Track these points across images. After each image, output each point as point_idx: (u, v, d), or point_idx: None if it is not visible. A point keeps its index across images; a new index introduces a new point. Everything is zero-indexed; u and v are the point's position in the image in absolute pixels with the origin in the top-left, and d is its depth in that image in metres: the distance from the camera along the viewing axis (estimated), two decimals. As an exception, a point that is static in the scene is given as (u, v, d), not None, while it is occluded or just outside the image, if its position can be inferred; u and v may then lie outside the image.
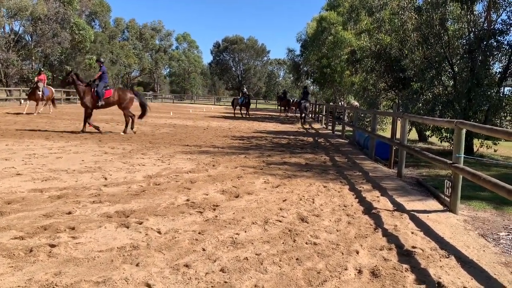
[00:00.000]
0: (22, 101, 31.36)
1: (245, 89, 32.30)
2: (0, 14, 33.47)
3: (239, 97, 31.14)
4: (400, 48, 16.92)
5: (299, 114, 29.76)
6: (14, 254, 3.51)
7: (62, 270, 3.26)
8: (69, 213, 4.74)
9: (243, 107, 30.06)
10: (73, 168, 7.47)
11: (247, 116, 29.69)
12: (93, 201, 5.28)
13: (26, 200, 5.19)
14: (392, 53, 17.33)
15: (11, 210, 4.72)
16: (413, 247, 4.11)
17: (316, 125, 24.88)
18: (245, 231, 4.38)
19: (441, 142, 13.27)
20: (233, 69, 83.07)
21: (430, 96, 13.78)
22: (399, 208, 5.67)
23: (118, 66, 55.50)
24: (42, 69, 27.55)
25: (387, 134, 14.08)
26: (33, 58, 38.75)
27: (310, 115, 34.61)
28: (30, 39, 39.34)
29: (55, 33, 37.53)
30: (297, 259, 3.69)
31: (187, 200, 5.58)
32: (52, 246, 3.72)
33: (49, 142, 10.79)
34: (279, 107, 41.24)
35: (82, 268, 3.33)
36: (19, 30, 38.18)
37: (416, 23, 14.91)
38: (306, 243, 4.10)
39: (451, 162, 5.69)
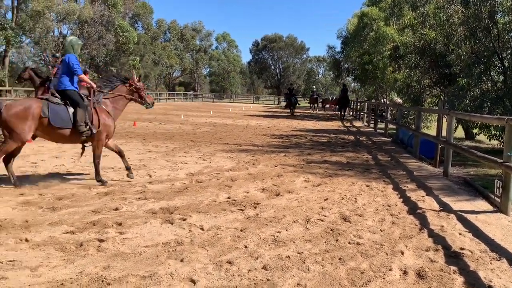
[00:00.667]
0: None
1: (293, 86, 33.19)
2: (50, 19, 35.08)
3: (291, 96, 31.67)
4: (445, 43, 16.31)
5: (339, 112, 29.46)
6: (66, 248, 3.68)
7: (110, 264, 3.39)
8: (116, 209, 4.92)
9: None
10: (119, 166, 7.72)
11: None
12: (139, 198, 5.45)
13: (75, 196, 5.42)
14: (437, 48, 16.73)
15: (62, 206, 4.95)
16: (461, 248, 3.96)
17: (357, 123, 24.46)
18: (287, 230, 4.38)
19: (490, 140, 12.72)
20: (272, 67, 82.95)
21: (478, 92, 13.19)
22: (445, 208, 5.49)
23: (160, 67, 56.80)
24: (88, 70, 28.70)
25: (432, 132, 13.63)
26: (80, 60, 40.29)
27: (351, 113, 34.11)
28: (78, 42, 40.97)
29: (100, 36, 38.96)
30: (340, 258, 3.65)
31: (228, 197, 5.65)
32: (101, 240, 3.87)
33: (96, 140, 11.19)
34: (309, 104, 42.00)
35: (129, 262, 3.44)
36: (67, 33, 39.92)
37: (463, 17, 14.32)
38: (349, 243, 4.05)
39: (502, 161, 5.43)
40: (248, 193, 5.97)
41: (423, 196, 6.11)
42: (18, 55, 37.07)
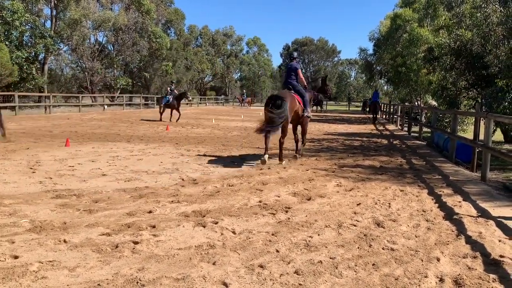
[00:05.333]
0: (106, 107, 33.74)
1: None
2: (86, 26, 36.27)
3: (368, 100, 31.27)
4: (482, 43, 15.82)
5: (371, 115, 29.06)
6: (102, 249, 3.78)
7: (145, 266, 3.45)
8: (150, 212, 5.01)
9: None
10: (152, 169, 7.88)
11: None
12: (172, 201, 5.54)
13: (111, 199, 5.57)
14: (474, 49, 16.25)
15: (98, 208, 5.09)
16: (501, 256, 3.81)
17: (391, 126, 24.00)
18: (319, 234, 4.35)
19: (531, 143, 12.22)
20: (303, 71, 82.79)
21: (518, 94, 12.73)
22: (483, 214, 5.30)
23: (192, 72, 57.62)
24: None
25: (469, 135, 13.22)
26: (115, 66, 41.51)
27: (383, 116, 33.53)
28: (112, 48, 42.25)
29: (134, 42, 39.98)
30: (373, 264, 3.59)
31: (260, 201, 5.65)
32: (136, 243, 3.96)
33: (130, 145, 11.48)
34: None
35: (163, 264, 3.50)
36: (102, 41, 41.19)
37: (502, 16, 13.85)
38: (383, 249, 3.98)
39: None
40: (279, 197, 5.96)
41: (459, 202, 5.93)
42: (56, 62, 38.36)
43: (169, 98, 21.58)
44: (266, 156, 8.66)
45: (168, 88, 22.77)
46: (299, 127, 9.96)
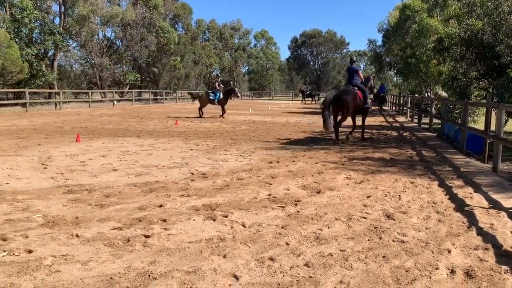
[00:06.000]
0: (115, 102, 33.95)
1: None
2: (94, 22, 36.43)
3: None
4: (494, 33, 15.58)
5: (378, 107, 29.05)
6: (114, 243, 3.82)
7: (156, 259, 3.49)
8: (161, 206, 5.05)
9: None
10: (162, 164, 7.93)
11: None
12: (182, 195, 5.57)
13: (122, 194, 5.62)
14: (485, 39, 16.02)
15: (110, 203, 5.15)
16: (513, 248, 3.79)
17: (401, 118, 23.83)
18: (328, 227, 4.35)
19: (543, 134, 12.05)
20: (311, 63, 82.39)
21: (530, 84, 12.55)
22: (495, 205, 5.25)
23: (200, 66, 57.62)
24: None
25: (479, 126, 13.09)
26: (124, 61, 41.67)
27: (393, 108, 33.29)
28: (121, 44, 42.40)
29: (142, 37, 40.09)
30: (383, 256, 3.59)
31: (269, 195, 5.67)
32: (147, 236, 4.00)
33: (140, 140, 11.56)
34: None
35: (174, 258, 3.53)
36: (111, 36, 41.33)
37: (513, 5, 13.64)
38: (393, 241, 3.97)
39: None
40: (288, 190, 5.97)
41: (470, 193, 5.88)
42: (65, 58, 38.64)
43: (219, 94, 20.53)
44: (340, 141, 11.40)
45: (216, 84, 21.25)
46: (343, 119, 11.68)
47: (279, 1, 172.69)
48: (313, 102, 47.73)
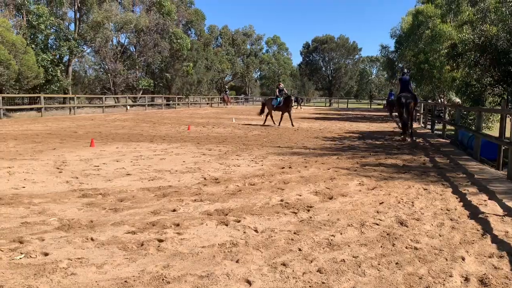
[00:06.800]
0: (128, 107, 34.27)
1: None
2: (109, 29, 36.89)
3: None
4: (508, 39, 15.45)
5: (388, 113, 28.87)
6: (128, 247, 3.87)
7: (170, 263, 3.53)
8: (174, 210, 5.10)
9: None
10: (175, 168, 7.99)
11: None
12: (195, 200, 5.62)
13: (135, 198, 5.68)
14: (499, 44, 15.88)
15: (124, 207, 5.21)
16: (529, 256, 3.74)
17: (413, 124, 23.63)
18: (341, 233, 4.34)
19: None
20: (323, 69, 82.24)
21: (546, 90, 12.38)
22: (510, 213, 5.19)
23: (212, 72, 57.91)
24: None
25: (494, 132, 12.93)
26: (137, 67, 42.07)
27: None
28: (134, 50, 42.86)
29: (155, 43, 40.45)
30: (396, 263, 3.57)
31: (281, 200, 5.68)
32: (160, 241, 4.04)
33: (153, 144, 11.66)
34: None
35: (187, 262, 3.57)
36: (124, 42, 41.82)
37: (528, 10, 13.50)
38: (406, 248, 3.95)
39: None
40: (301, 196, 5.97)
41: (485, 200, 5.82)
42: (80, 64, 39.16)
43: (280, 100, 20.06)
44: (408, 139, 13.87)
45: (277, 90, 20.70)
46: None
47: (291, 7, 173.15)
48: (298, 107, 46.48)
